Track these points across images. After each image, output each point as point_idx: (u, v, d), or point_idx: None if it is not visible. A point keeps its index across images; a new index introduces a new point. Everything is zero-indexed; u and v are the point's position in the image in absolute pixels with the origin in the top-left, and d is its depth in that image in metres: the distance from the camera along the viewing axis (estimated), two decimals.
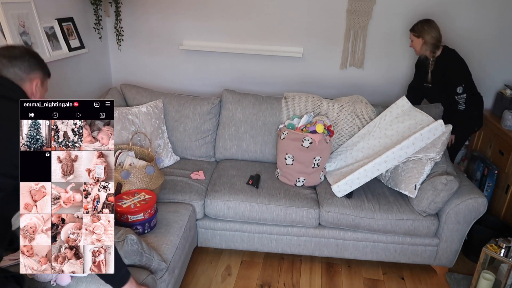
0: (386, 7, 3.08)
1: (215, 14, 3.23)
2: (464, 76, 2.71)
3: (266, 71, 3.36)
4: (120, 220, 1.92)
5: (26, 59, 1.43)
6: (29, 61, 1.44)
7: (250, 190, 2.44)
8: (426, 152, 2.38)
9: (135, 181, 2.15)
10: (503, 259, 2.15)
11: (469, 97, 2.69)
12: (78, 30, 2.86)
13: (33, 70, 1.45)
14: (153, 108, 2.72)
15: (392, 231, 2.34)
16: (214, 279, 2.39)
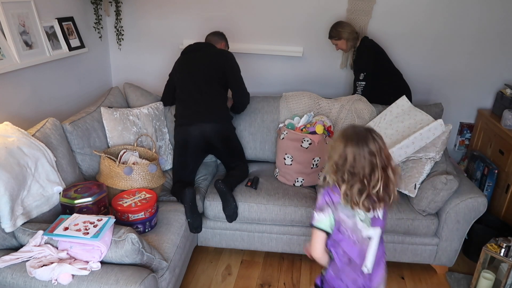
0: (386, 7, 3.08)
1: (215, 13, 3.23)
2: (368, 65, 2.87)
3: (267, 70, 3.36)
4: (120, 219, 1.92)
5: (217, 34, 2.78)
6: (219, 35, 2.78)
7: (248, 191, 2.44)
8: (426, 152, 2.38)
9: (137, 178, 2.16)
10: (503, 258, 2.15)
11: (368, 87, 2.86)
12: (78, 30, 2.86)
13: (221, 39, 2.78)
14: (154, 109, 2.72)
15: (392, 231, 2.34)
16: (214, 279, 2.39)
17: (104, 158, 2.19)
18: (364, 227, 1.44)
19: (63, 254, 1.59)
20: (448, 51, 3.15)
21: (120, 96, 2.76)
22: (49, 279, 1.53)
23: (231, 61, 2.56)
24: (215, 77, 2.50)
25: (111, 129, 2.45)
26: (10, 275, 1.55)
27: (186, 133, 2.46)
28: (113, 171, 2.15)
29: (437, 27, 3.09)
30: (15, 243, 1.71)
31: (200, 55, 2.56)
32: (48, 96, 2.62)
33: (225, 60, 2.54)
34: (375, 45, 2.94)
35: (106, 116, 2.45)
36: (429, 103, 2.91)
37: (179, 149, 2.52)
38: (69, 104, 2.86)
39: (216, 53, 2.59)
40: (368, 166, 1.37)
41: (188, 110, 2.49)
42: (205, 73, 2.49)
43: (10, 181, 1.66)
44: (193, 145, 2.46)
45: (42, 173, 1.86)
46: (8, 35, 2.20)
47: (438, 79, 3.24)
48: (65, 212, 1.88)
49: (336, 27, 2.91)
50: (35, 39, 2.41)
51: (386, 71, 2.95)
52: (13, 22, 2.24)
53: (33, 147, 1.86)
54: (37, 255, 1.58)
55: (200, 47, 2.62)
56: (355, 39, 2.93)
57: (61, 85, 2.75)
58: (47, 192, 1.86)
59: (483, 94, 3.24)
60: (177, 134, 2.54)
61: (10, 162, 1.70)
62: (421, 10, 3.06)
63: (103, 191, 1.98)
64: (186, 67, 2.56)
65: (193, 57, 2.57)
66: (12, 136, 1.83)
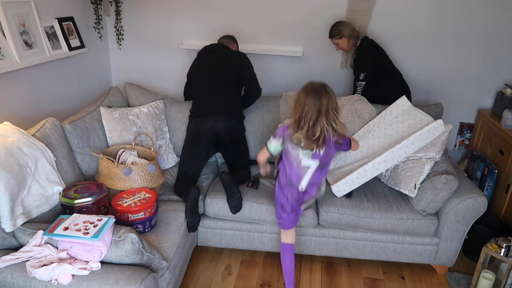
0: (386, 7, 3.08)
1: (215, 13, 3.23)
2: (368, 65, 2.87)
3: (267, 70, 3.36)
4: (120, 219, 1.92)
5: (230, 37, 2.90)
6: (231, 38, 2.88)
7: (250, 191, 2.44)
8: (426, 152, 2.38)
9: (137, 179, 2.15)
10: (503, 258, 2.15)
11: (369, 87, 2.86)
12: (78, 30, 2.87)
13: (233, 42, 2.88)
14: (154, 108, 2.73)
15: (392, 231, 2.34)
16: (214, 279, 2.39)
17: (102, 158, 2.19)
18: (304, 158, 1.92)
19: (63, 254, 1.59)
20: (448, 51, 3.15)
21: (120, 96, 2.76)
22: (49, 279, 1.53)
23: (246, 62, 2.69)
24: (231, 77, 2.61)
25: (110, 129, 2.45)
26: (10, 275, 1.55)
27: (199, 125, 2.53)
28: (112, 171, 2.15)
29: (437, 27, 3.09)
30: (15, 243, 1.71)
31: (216, 56, 2.67)
32: (48, 96, 2.62)
33: (240, 62, 2.67)
34: (375, 45, 2.94)
35: (106, 116, 2.45)
36: (429, 103, 2.91)
37: (190, 141, 2.57)
38: (69, 104, 2.87)
39: (231, 54, 2.71)
40: (316, 113, 1.81)
41: (203, 104, 2.59)
42: (221, 72, 2.60)
43: (10, 181, 1.66)
44: (204, 138, 2.51)
45: (42, 173, 1.86)
46: (8, 35, 2.20)
47: (438, 79, 3.25)
48: (65, 212, 1.88)
49: (337, 26, 2.91)
50: (35, 39, 2.41)
51: (386, 71, 2.95)
52: (13, 22, 2.24)
53: (33, 147, 1.86)
54: (37, 255, 1.58)
55: (216, 48, 2.74)
56: (356, 38, 2.93)
57: (61, 85, 2.76)
58: (47, 192, 1.86)
59: (483, 94, 3.24)
60: (190, 126, 2.62)
61: (10, 162, 1.70)
62: (421, 10, 3.06)
63: (103, 191, 1.98)
64: (203, 66, 2.67)
65: (209, 57, 2.68)
66: (12, 136, 1.83)
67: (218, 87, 2.57)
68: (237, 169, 2.60)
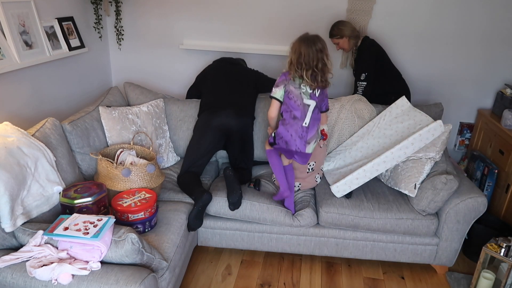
0: (387, 7, 3.08)
1: (215, 13, 3.23)
2: (370, 65, 2.87)
3: (267, 70, 3.35)
4: (120, 219, 1.92)
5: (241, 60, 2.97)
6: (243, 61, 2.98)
7: (251, 191, 2.44)
8: (426, 152, 2.38)
9: (136, 179, 2.15)
10: (503, 258, 2.15)
11: (369, 87, 2.86)
12: (78, 30, 2.87)
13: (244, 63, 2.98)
14: (154, 107, 2.72)
15: (392, 231, 2.34)
16: (214, 278, 2.39)
17: (101, 160, 2.18)
18: (304, 97, 2.19)
19: (63, 254, 1.59)
20: (448, 51, 3.15)
21: (120, 96, 2.76)
22: (49, 279, 1.53)
23: (263, 76, 2.82)
24: (248, 82, 2.72)
25: (110, 128, 2.45)
26: (10, 275, 1.55)
27: (210, 117, 2.55)
28: (111, 172, 2.14)
29: (437, 27, 3.09)
30: (15, 243, 1.71)
31: (235, 67, 2.80)
32: (48, 96, 2.62)
33: (258, 73, 2.82)
34: (376, 45, 2.94)
35: (105, 116, 2.45)
36: (429, 103, 2.92)
37: (199, 133, 2.58)
38: (69, 104, 2.87)
39: (249, 69, 2.86)
40: (315, 59, 2.13)
41: (217, 100, 2.63)
42: (238, 78, 2.72)
43: (10, 181, 1.66)
44: (214, 131, 2.52)
45: (42, 173, 1.86)
46: (8, 35, 2.20)
47: (438, 79, 3.25)
48: (65, 212, 1.88)
49: (337, 25, 2.91)
50: (35, 39, 2.41)
51: (387, 71, 2.95)
52: (13, 22, 2.24)
53: (32, 147, 1.86)
54: (37, 255, 1.58)
55: (234, 61, 2.86)
56: (356, 38, 2.93)
57: (61, 85, 2.76)
58: (47, 192, 1.86)
59: (483, 94, 3.24)
60: (200, 119, 2.63)
61: (10, 162, 1.70)
62: (421, 10, 3.06)
63: (103, 191, 1.98)
64: (221, 69, 2.78)
65: (228, 66, 2.80)
66: (12, 136, 1.83)
67: (234, 87, 2.66)
68: (240, 169, 2.60)
